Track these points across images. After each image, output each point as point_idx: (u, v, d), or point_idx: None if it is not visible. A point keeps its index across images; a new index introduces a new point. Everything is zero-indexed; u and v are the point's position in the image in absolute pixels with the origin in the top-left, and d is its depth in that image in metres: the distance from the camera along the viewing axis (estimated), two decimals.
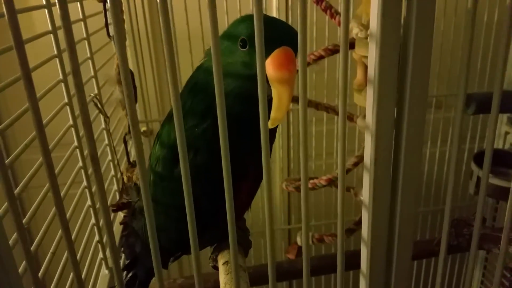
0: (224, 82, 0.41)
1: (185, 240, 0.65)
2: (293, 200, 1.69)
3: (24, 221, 0.52)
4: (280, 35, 0.48)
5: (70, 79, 0.71)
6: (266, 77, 0.46)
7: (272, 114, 0.46)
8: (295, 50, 0.48)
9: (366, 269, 0.50)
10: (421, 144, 0.45)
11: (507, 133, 1.38)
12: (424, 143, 1.36)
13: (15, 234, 0.50)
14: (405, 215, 0.48)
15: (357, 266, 0.55)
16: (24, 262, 0.51)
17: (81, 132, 0.74)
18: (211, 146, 0.53)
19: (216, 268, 0.63)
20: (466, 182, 1.40)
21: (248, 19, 0.52)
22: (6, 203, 0.48)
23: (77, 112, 0.74)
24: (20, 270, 0.49)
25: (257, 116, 0.44)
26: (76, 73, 0.37)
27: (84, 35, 0.84)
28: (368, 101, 0.44)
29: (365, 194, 0.47)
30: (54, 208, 0.64)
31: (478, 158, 1.28)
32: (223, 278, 0.58)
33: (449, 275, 1.51)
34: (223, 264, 0.60)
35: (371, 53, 0.42)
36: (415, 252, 0.86)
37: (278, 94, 0.46)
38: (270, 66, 0.46)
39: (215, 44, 0.36)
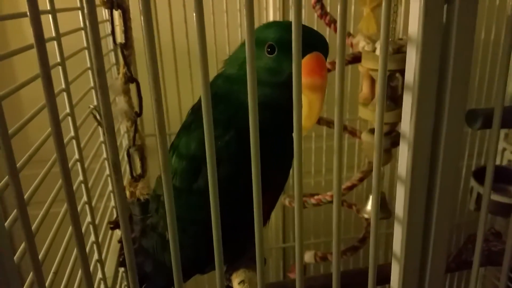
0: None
1: (201, 258, 0.61)
2: (287, 218, 1.66)
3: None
4: (310, 40, 0.46)
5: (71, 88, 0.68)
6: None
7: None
8: (325, 56, 0.46)
9: (398, 287, 0.47)
10: (459, 155, 0.43)
11: (504, 149, 1.38)
12: None
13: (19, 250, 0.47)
14: (441, 229, 0.45)
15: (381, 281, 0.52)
16: (28, 280, 0.47)
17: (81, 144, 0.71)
18: (234, 159, 0.50)
19: None
20: (464, 199, 1.39)
21: (274, 24, 0.50)
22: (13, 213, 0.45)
23: (79, 122, 0.70)
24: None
25: (283, 126, 0.41)
26: (101, 72, 0.34)
27: (85, 44, 0.81)
28: (405, 109, 0.42)
29: (399, 207, 0.45)
30: (54, 227, 0.60)
31: (478, 175, 1.27)
32: None
33: None
34: (238, 283, 0.57)
35: (410, 58, 0.40)
36: None
37: (309, 102, 0.44)
38: (302, 73, 0.43)
39: (250, 55, 0.34)
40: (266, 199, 0.55)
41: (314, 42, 0.47)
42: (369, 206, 1.20)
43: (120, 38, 0.75)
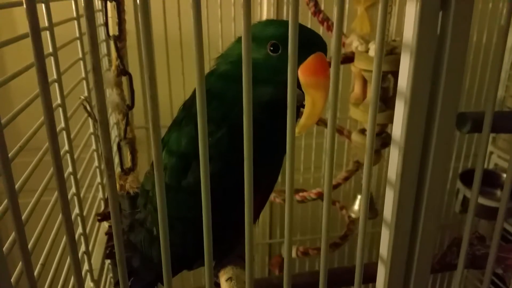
0: None
1: (189, 255, 0.61)
2: (274, 214, 1.66)
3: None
4: (311, 41, 0.47)
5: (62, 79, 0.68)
6: (298, 83, 0.44)
7: (303, 120, 0.45)
8: None
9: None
10: (448, 160, 0.44)
11: (491, 153, 1.40)
12: None
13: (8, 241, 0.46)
14: (427, 232, 0.46)
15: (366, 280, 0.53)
16: (16, 271, 0.47)
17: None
18: (225, 156, 0.50)
19: (217, 284, 0.60)
20: (449, 201, 1.41)
21: (274, 22, 0.50)
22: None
23: (69, 113, 0.70)
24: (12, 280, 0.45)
25: (282, 124, 0.41)
26: (96, 69, 0.34)
27: (77, 35, 0.81)
28: (397, 113, 0.42)
29: (387, 211, 0.45)
30: (43, 219, 0.60)
31: (464, 177, 1.28)
32: None
33: None
34: (226, 280, 0.57)
35: (404, 64, 0.41)
36: None
37: (313, 100, 0.44)
38: (307, 72, 0.44)
39: (247, 52, 0.34)
40: (256, 198, 0.55)
41: (316, 43, 0.48)
42: (356, 206, 1.21)
43: (113, 30, 0.74)
